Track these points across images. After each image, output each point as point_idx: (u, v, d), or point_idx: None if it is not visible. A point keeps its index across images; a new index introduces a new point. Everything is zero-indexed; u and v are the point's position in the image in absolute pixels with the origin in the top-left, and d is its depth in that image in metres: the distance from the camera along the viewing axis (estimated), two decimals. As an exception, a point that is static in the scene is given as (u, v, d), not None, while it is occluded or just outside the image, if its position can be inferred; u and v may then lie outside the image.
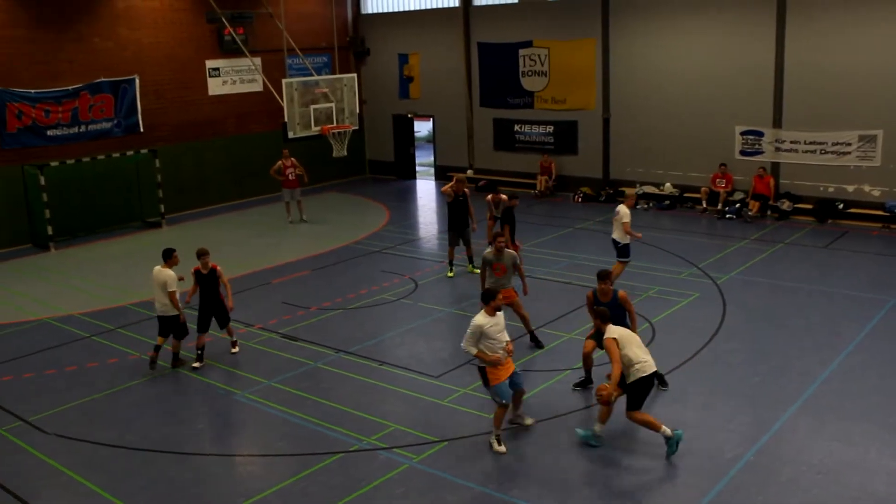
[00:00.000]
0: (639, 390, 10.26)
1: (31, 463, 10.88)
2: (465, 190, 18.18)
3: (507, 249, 13.92)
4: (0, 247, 22.42)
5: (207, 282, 13.73)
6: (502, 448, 10.47)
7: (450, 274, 18.12)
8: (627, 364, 10.23)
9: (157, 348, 13.64)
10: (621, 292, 11.93)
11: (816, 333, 14.06)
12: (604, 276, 11.97)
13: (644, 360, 10.24)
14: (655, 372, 10.43)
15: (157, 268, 13.44)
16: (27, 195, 22.71)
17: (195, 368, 13.60)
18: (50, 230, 22.26)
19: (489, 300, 10.72)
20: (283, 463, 10.60)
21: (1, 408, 12.53)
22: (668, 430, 10.09)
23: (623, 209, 16.21)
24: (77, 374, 13.74)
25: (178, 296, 13.35)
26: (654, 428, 10.18)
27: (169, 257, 13.55)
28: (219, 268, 13.89)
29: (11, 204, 22.63)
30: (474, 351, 10.56)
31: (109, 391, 12.97)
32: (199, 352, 13.77)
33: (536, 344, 13.93)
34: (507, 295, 13.16)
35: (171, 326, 13.54)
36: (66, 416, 12.17)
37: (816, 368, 12.56)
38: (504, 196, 17.98)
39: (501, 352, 10.54)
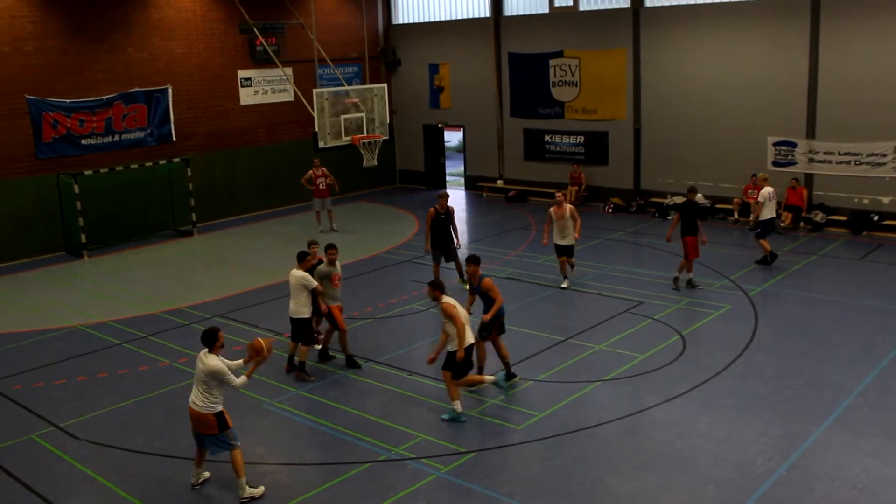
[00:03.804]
0: (461, 362, 11.60)
1: (63, 468, 10.96)
2: (450, 207, 17.64)
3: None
4: (34, 254, 22.68)
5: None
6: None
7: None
8: (454, 337, 11.50)
9: (291, 358, 13.84)
10: (486, 280, 12.81)
11: (851, 347, 13.86)
12: (471, 259, 12.99)
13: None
14: (473, 345, 11.79)
15: (292, 270, 13.40)
16: (61, 203, 22.97)
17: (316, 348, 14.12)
18: (83, 238, 22.49)
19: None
20: (311, 472, 10.60)
21: (33, 413, 12.65)
22: (489, 378, 11.87)
23: None
24: (108, 381, 13.84)
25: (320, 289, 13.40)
26: (477, 383, 11.98)
27: (302, 259, 13.48)
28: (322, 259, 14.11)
29: (46, 212, 22.90)
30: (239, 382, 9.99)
31: (140, 398, 13.05)
32: (317, 335, 14.19)
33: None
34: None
35: (300, 330, 13.39)
36: (97, 422, 12.26)
37: (851, 382, 12.38)
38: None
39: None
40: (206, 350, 9.90)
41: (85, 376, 14.09)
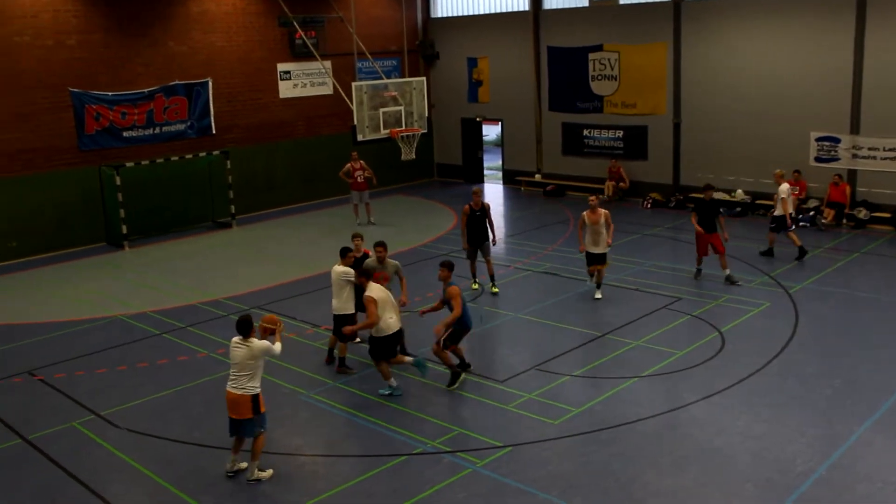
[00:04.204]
0: (386, 345, 12.14)
1: (103, 456, 11.11)
2: (485, 203, 17.33)
3: (389, 259, 13.82)
4: (77, 245, 23.00)
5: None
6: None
7: (474, 286, 17.40)
8: (381, 323, 11.92)
9: (331, 351, 13.90)
10: (453, 288, 12.67)
11: (893, 346, 13.63)
12: (443, 264, 12.91)
13: (391, 320, 12.11)
14: (400, 330, 12.37)
15: (334, 266, 13.41)
16: (103, 195, 23.27)
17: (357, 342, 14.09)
18: (124, 229, 22.77)
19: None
20: (347, 464, 10.65)
21: (75, 401, 12.83)
22: (409, 359, 12.45)
23: None
24: (148, 371, 14.00)
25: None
26: (398, 363, 12.45)
27: (344, 256, 13.49)
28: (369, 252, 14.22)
29: (88, 203, 23.22)
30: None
31: (179, 388, 13.18)
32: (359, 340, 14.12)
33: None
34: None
35: (343, 327, 13.21)
36: (137, 411, 12.41)
37: (893, 382, 12.18)
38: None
39: None
40: (242, 337, 10.06)
41: (125, 366, 14.26)
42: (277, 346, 10.35)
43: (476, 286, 17.43)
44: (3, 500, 10.11)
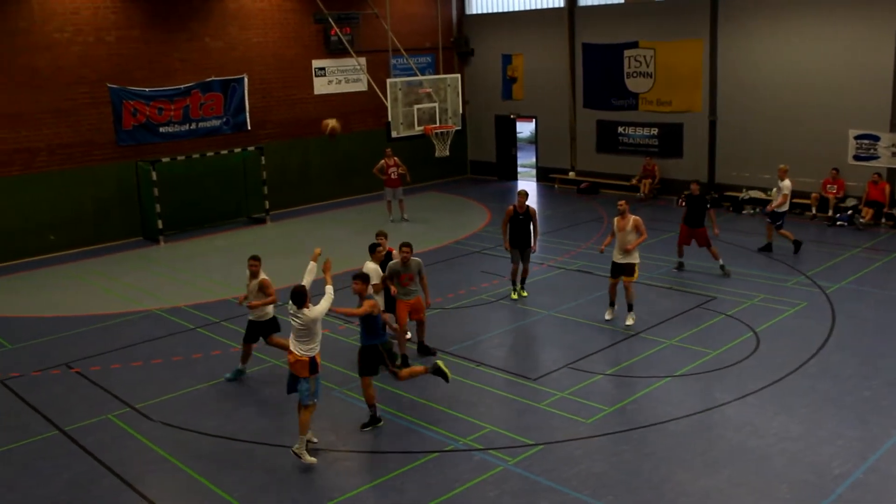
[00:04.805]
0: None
1: (137, 448, 11.23)
2: (530, 207, 16.37)
3: (412, 258, 13.49)
4: (113, 239, 23.26)
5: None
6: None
7: (514, 296, 16.81)
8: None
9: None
10: (370, 301, 11.42)
11: (933, 348, 13.44)
12: (357, 277, 11.55)
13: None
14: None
15: (367, 263, 13.40)
16: (139, 190, 23.52)
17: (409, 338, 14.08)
18: (160, 224, 22.99)
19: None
20: (378, 460, 10.67)
21: (110, 394, 12.98)
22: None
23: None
24: (182, 365, 14.13)
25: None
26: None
27: (373, 252, 13.55)
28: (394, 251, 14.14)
29: (125, 198, 23.47)
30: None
31: (212, 382, 13.29)
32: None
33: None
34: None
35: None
36: (171, 404, 12.53)
37: (932, 384, 12.01)
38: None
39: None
40: (296, 307, 10.45)
41: (160, 359, 14.40)
42: (327, 302, 10.60)
43: (516, 296, 16.82)
44: (41, 489, 10.25)
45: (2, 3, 20.91)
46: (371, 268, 13.21)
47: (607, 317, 15.29)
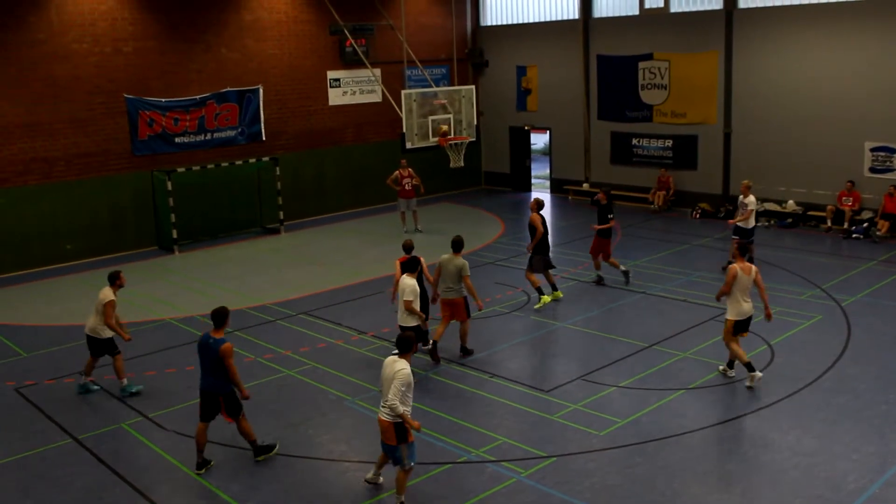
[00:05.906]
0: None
1: (150, 457, 11.26)
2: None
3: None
4: (128, 248, 23.37)
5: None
6: None
7: (538, 306, 16.88)
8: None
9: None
10: (226, 345, 10.80)
11: (950, 362, 13.34)
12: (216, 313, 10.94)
13: None
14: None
15: (404, 277, 13.37)
16: (155, 199, 23.62)
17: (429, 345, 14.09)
18: (175, 234, 23.09)
19: (411, 347, 9.58)
20: (391, 471, 10.64)
21: (124, 403, 13.02)
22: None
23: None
24: (195, 374, 14.06)
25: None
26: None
27: (415, 269, 13.58)
28: (422, 259, 14.24)
29: (140, 207, 23.59)
30: (406, 409, 9.31)
31: (226, 392, 13.28)
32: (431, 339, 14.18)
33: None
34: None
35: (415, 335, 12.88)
36: (183, 413, 12.55)
37: (949, 399, 11.91)
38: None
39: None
40: (397, 355, 9.57)
41: (174, 368, 14.44)
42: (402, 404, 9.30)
43: (540, 305, 16.85)
44: (54, 497, 10.28)
45: (21, 15, 21.09)
46: (408, 284, 13.26)
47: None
